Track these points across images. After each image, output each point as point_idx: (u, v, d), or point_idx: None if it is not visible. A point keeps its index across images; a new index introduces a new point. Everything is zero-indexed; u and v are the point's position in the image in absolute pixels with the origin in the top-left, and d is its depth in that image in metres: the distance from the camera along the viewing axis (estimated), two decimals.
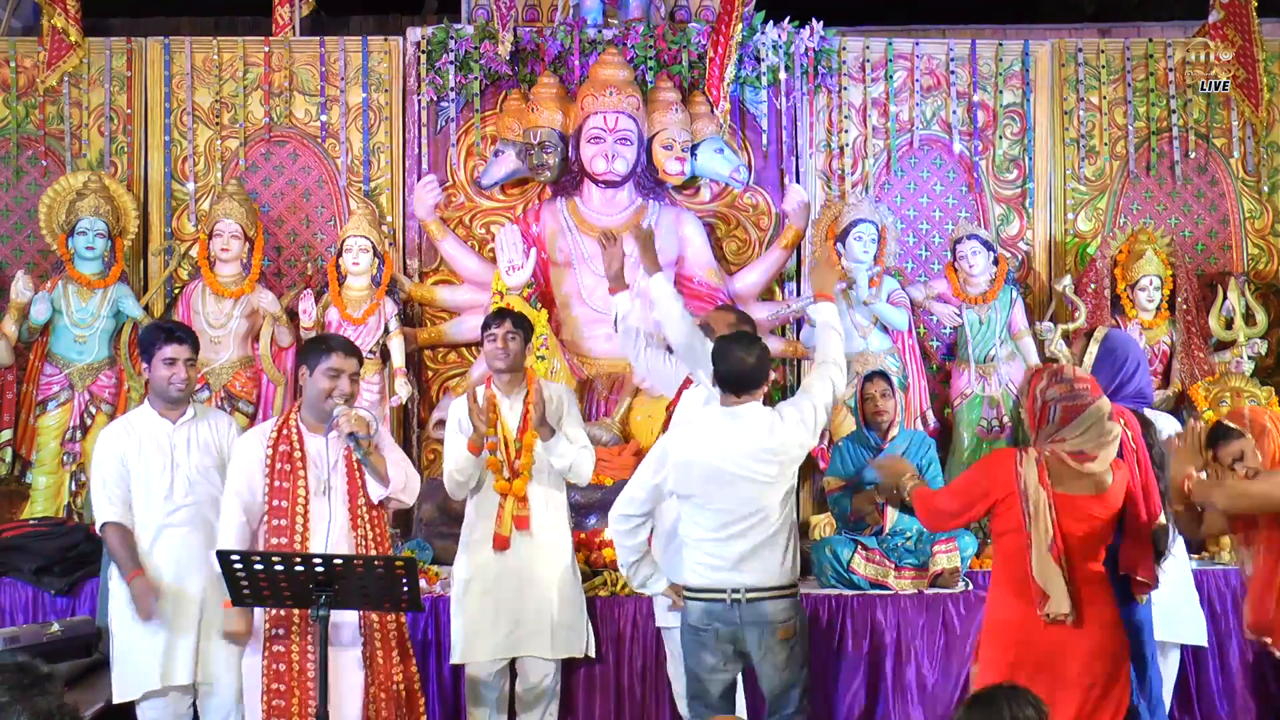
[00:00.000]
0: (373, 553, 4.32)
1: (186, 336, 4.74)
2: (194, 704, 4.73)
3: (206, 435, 4.73)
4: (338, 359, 4.37)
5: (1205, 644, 5.37)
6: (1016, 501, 3.78)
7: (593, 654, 5.07)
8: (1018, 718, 2.97)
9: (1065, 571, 3.74)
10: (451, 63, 6.69)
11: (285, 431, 4.41)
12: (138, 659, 4.61)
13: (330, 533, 4.33)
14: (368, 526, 4.38)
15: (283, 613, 4.28)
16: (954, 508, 3.99)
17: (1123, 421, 4.25)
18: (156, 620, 4.57)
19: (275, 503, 4.34)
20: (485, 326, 5.03)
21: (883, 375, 5.79)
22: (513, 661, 4.95)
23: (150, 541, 4.61)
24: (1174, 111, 7.01)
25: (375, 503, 4.41)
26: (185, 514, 4.65)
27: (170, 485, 4.64)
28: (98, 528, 4.72)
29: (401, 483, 4.41)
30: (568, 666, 5.07)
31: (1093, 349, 4.50)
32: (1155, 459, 4.21)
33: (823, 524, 6.29)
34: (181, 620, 4.59)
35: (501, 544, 4.84)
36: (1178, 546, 5.35)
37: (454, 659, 4.95)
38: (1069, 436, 3.80)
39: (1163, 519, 4.10)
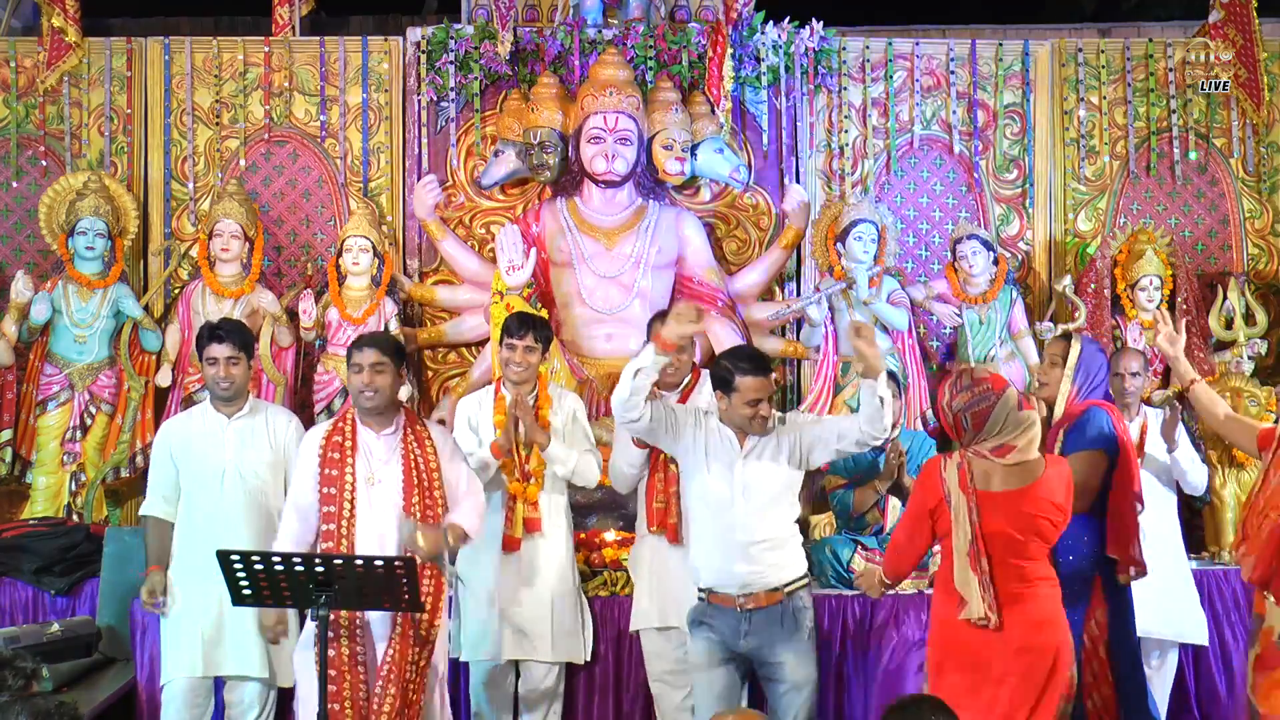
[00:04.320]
0: None
1: (228, 335, 4.81)
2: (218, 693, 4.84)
3: (262, 432, 4.80)
4: (354, 354, 4.41)
5: (1205, 643, 5.39)
6: (945, 508, 3.88)
7: (589, 658, 5.08)
8: None
9: (986, 574, 3.80)
10: (451, 63, 6.69)
11: (340, 424, 4.44)
12: (172, 646, 4.71)
13: (379, 525, 4.32)
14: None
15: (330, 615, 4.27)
16: (903, 537, 4.08)
17: (1115, 415, 4.40)
18: (189, 610, 4.67)
19: (325, 490, 4.35)
20: (507, 332, 4.98)
21: (892, 376, 5.80)
22: (516, 662, 4.96)
23: (200, 533, 4.64)
24: (1174, 111, 7.01)
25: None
26: (235, 508, 4.74)
27: (222, 479, 4.72)
28: (140, 514, 4.89)
29: (476, 530, 4.46)
30: (568, 667, 5.08)
31: (1075, 348, 4.60)
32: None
33: (823, 524, 6.29)
34: (226, 613, 4.60)
35: (513, 545, 4.85)
36: (1177, 546, 5.42)
37: (460, 655, 4.96)
38: (989, 437, 3.90)
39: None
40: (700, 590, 4.36)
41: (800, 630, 4.30)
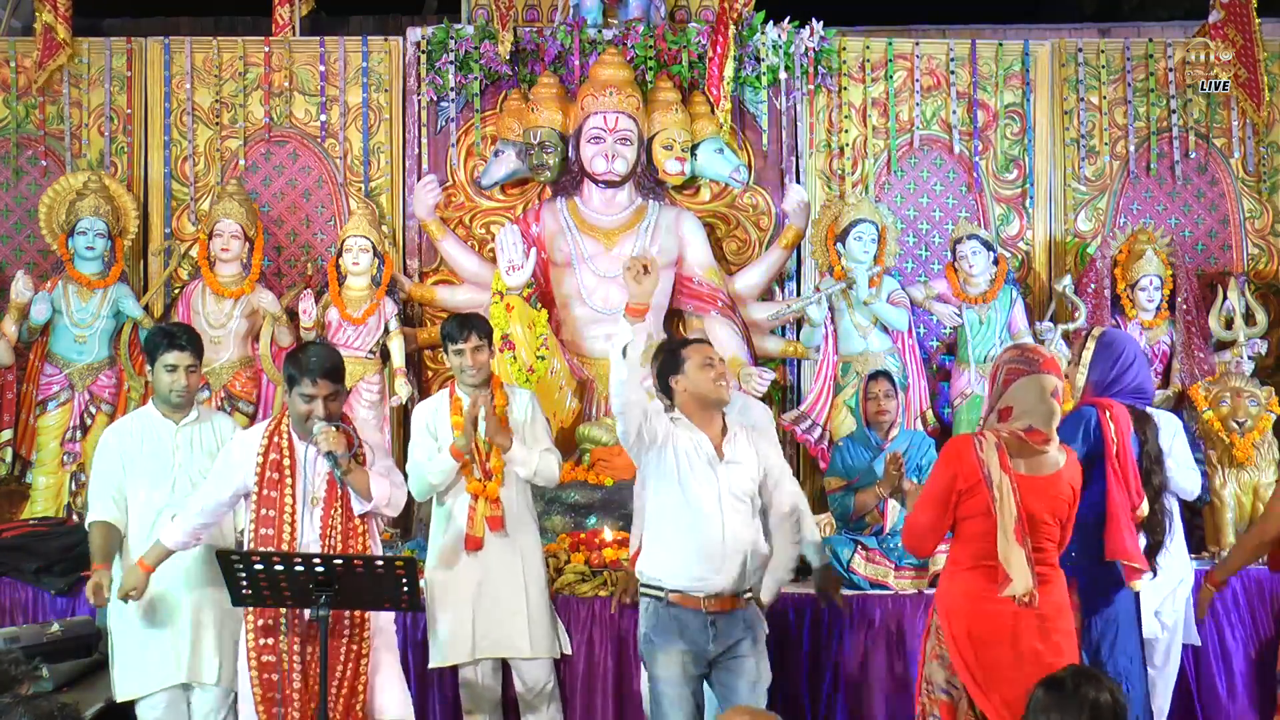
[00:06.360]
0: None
1: (189, 343, 4.70)
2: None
3: (209, 438, 4.72)
4: (308, 385, 4.27)
5: (1198, 643, 5.40)
6: (982, 488, 3.79)
7: (568, 651, 5.06)
8: (1095, 701, 2.98)
9: (1030, 550, 3.77)
10: (451, 63, 6.69)
11: (276, 439, 4.37)
12: (140, 658, 4.62)
13: (317, 544, 4.28)
14: (359, 537, 4.34)
15: (268, 611, 4.26)
16: (930, 517, 3.96)
17: (1109, 414, 4.31)
18: (152, 619, 4.59)
19: (263, 511, 4.30)
20: (450, 339, 4.89)
21: (886, 375, 5.80)
22: (506, 664, 4.94)
23: (148, 540, 4.61)
24: (1174, 111, 7.01)
25: (359, 515, 4.36)
26: None
27: (172, 487, 4.63)
28: (87, 524, 4.71)
29: (385, 497, 4.35)
30: (567, 666, 5.07)
31: (1090, 344, 4.54)
32: (1151, 453, 4.43)
33: (823, 524, 6.28)
34: (177, 620, 4.59)
35: (475, 545, 4.81)
36: (1179, 546, 5.41)
37: (435, 662, 4.93)
38: (1013, 405, 3.88)
39: (1144, 509, 4.30)
40: (658, 591, 4.30)
41: (760, 634, 4.40)
